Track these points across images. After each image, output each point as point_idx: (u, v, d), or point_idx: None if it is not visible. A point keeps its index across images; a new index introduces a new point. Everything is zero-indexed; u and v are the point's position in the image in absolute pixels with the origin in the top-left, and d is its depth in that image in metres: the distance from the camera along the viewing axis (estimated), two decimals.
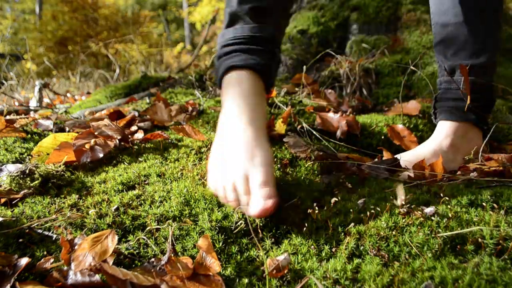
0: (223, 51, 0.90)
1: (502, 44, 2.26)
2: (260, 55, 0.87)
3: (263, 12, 0.91)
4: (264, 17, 0.91)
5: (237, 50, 0.87)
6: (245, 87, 0.82)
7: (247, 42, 0.88)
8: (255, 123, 0.77)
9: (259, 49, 0.87)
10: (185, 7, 13.67)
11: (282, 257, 0.57)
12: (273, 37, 0.92)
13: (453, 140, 1.03)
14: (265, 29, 0.90)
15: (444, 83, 1.10)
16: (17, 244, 0.63)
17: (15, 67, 4.85)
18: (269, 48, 0.90)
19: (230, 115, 0.80)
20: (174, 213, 0.70)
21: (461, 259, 0.55)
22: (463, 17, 1.03)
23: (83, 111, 1.69)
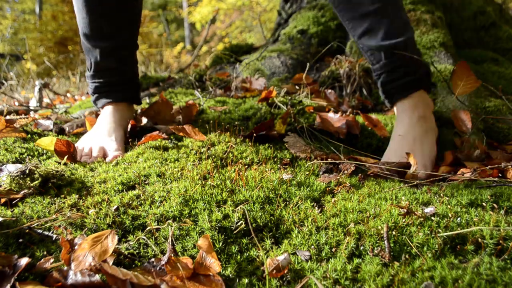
0: (98, 91, 1.27)
1: (502, 44, 2.26)
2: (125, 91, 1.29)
3: (119, 60, 1.25)
4: (121, 63, 1.25)
5: (108, 90, 1.27)
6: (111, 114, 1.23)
7: (114, 84, 1.27)
8: (115, 122, 1.20)
9: (122, 87, 1.28)
10: (185, 7, 13.67)
11: (282, 257, 0.57)
12: (132, 74, 1.31)
13: (419, 112, 1.13)
14: (126, 72, 1.28)
15: (384, 67, 1.16)
16: (17, 244, 0.63)
17: (15, 67, 4.85)
18: (130, 84, 1.30)
19: (102, 119, 1.21)
20: (174, 213, 0.70)
21: (461, 259, 0.55)
22: (379, 3, 1.11)
23: (83, 111, 1.69)
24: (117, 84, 1.25)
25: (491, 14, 2.33)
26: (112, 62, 1.22)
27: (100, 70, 1.22)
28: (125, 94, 1.27)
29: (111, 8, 1.14)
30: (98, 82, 1.24)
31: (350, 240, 0.61)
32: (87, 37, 1.18)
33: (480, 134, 1.25)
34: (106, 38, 1.18)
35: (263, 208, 0.73)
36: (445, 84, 1.55)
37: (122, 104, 1.25)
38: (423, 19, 2.05)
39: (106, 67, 1.22)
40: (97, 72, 1.23)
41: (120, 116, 1.21)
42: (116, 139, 1.11)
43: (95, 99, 1.27)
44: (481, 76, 1.95)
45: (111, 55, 1.21)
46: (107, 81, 1.24)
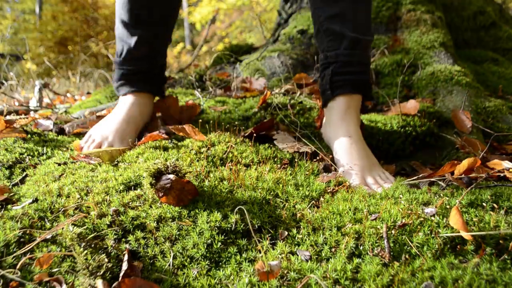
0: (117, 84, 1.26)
1: (502, 44, 2.26)
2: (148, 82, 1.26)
3: (147, 54, 1.23)
4: (147, 57, 1.24)
5: (131, 80, 1.24)
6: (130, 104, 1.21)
7: (139, 73, 1.25)
8: (129, 115, 1.18)
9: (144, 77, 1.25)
10: (185, 7, 13.67)
11: (274, 263, 0.57)
12: (154, 67, 1.26)
13: (357, 114, 1.12)
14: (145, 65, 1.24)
15: (340, 57, 1.11)
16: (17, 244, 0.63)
17: (15, 67, 4.85)
18: (152, 75, 1.26)
19: (118, 108, 1.21)
20: (173, 214, 0.70)
21: (461, 259, 0.55)
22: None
23: (83, 111, 1.69)
24: (145, 73, 1.24)
25: (491, 14, 2.33)
26: (145, 52, 1.21)
27: (131, 58, 1.21)
28: (151, 85, 1.26)
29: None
30: (127, 69, 1.22)
31: (350, 240, 0.61)
32: (125, 24, 1.18)
33: (480, 134, 1.26)
34: (145, 27, 1.18)
35: (262, 208, 0.73)
36: (445, 84, 1.55)
37: (144, 96, 1.23)
38: (423, 19, 2.05)
39: (139, 55, 1.21)
40: (128, 60, 1.22)
41: (138, 110, 1.19)
42: (121, 134, 1.10)
43: (118, 86, 1.25)
44: (481, 76, 1.95)
45: (146, 45, 1.20)
46: (136, 70, 1.22)
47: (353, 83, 1.11)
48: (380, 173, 0.96)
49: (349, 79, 1.11)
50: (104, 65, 6.83)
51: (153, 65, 1.26)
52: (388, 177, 0.95)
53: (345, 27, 1.09)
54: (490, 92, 1.75)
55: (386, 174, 0.96)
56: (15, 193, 0.85)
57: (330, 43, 1.13)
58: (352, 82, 1.11)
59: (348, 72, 1.11)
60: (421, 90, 1.63)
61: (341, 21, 1.10)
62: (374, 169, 0.97)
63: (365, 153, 1.01)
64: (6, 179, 0.93)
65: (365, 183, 0.91)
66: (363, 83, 1.12)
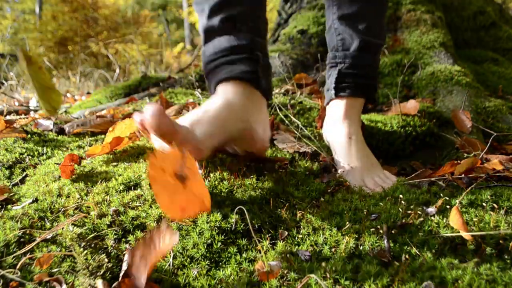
0: (207, 68, 0.91)
1: (502, 44, 2.26)
2: (243, 63, 0.86)
3: (234, 21, 0.88)
4: (236, 25, 0.89)
5: (220, 64, 0.87)
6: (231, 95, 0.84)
7: (227, 54, 0.87)
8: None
9: (240, 57, 0.86)
10: (185, 7, 13.67)
11: (274, 263, 0.57)
12: (252, 42, 0.89)
13: (357, 115, 1.08)
14: (242, 37, 0.88)
15: (350, 58, 1.07)
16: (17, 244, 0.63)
17: (15, 67, 4.85)
18: (250, 55, 0.88)
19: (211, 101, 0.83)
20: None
21: (461, 259, 0.55)
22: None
23: (83, 111, 1.69)
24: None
25: (491, 14, 2.33)
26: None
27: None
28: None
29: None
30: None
31: (350, 240, 0.61)
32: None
33: (480, 134, 1.25)
34: None
35: (262, 208, 0.73)
36: (445, 84, 1.55)
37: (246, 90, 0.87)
38: (423, 19, 2.05)
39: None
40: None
41: (228, 108, 0.81)
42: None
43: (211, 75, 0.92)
44: (481, 76, 1.95)
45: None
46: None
47: (358, 86, 1.07)
48: (379, 173, 0.94)
49: (355, 82, 1.07)
50: (104, 65, 6.83)
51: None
52: (389, 176, 0.93)
53: (357, 28, 1.06)
54: (490, 92, 1.75)
55: (386, 174, 0.94)
56: (15, 193, 0.85)
57: (340, 43, 1.09)
58: (357, 85, 1.07)
59: (355, 75, 1.07)
60: (421, 90, 1.63)
61: (354, 22, 1.06)
62: (373, 170, 0.95)
63: (365, 154, 1.00)
64: (6, 179, 0.93)
65: (364, 184, 0.89)
66: (368, 87, 1.09)
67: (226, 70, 0.85)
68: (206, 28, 0.91)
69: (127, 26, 7.83)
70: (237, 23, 0.88)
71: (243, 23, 0.89)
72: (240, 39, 0.87)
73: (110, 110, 1.55)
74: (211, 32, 0.90)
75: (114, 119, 1.31)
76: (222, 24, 0.88)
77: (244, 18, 0.89)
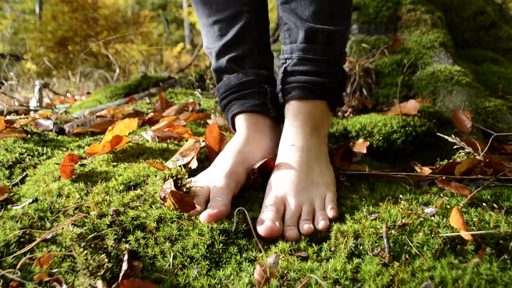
0: (222, 104, 1.00)
1: (502, 44, 2.26)
2: (252, 97, 0.95)
3: (239, 60, 0.96)
4: (243, 62, 0.97)
5: (232, 99, 0.97)
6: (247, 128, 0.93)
7: (237, 90, 0.96)
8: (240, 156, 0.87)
9: (249, 92, 0.95)
10: (185, 7, 13.68)
11: (271, 259, 0.57)
12: (258, 76, 0.96)
13: (316, 122, 0.86)
14: (248, 73, 0.96)
15: (298, 52, 0.87)
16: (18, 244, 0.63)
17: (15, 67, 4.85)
18: (258, 88, 0.95)
19: (228, 145, 0.91)
20: (172, 216, 0.70)
21: (461, 259, 0.55)
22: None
23: (83, 111, 1.69)
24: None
25: (491, 14, 2.33)
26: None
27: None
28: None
29: None
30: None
31: (349, 240, 0.61)
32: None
33: (480, 134, 1.25)
34: None
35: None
36: (445, 84, 1.55)
37: (261, 120, 0.93)
38: (423, 19, 2.05)
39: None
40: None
41: (247, 142, 0.88)
42: (226, 187, 0.76)
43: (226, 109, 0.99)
44: (481, 76, 1.95)
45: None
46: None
47: (306, 86, 0.86)
48: (318, 197, 0.74)
49: (302, 81, 0.87)
50: (104, 65, 6.84)
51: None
52: (330, 208, 0.71)
53: (301, 15, 0.87)
54: (490, 92, 1.75)
55: (328, 200, 0.73)
56: (15, 193, 0.85)
57: (286, 34, 0.91)
58: (305, 83, 0.87)
59: (303, 72, 0.87)
60: (421, 90, 1.63)
61: (298, 7, 0.87)
62: (311, 190, 0.75)
63: (308, 166, 0.79)
64: (6, 179, 0.93)
65: (282, 202, 0.72)
66: (323, 87, 0.87)
67: (238, 105, 0.95)
68: (216, 69, 1.00)
69: (127, 26, 7.83)
70: (242, 61, 0.97)
71: (248, 61, 0.97)
72: (247, 75, 0.96)
73: (110, 110, 1.55)
74: (221, 72, 1.00)
75: (114, 119, 1.31)
76: (228, 64, 0.97)
77: (248, 56, 0.97)
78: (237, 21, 0.96)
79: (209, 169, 0.84)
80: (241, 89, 0.95)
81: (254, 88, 0.95)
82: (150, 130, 1.10)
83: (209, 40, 1.00)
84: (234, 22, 0.96)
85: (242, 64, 0.97)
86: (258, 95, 0.95)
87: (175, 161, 0.88)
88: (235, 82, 0.96)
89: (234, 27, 0.95)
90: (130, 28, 7.71)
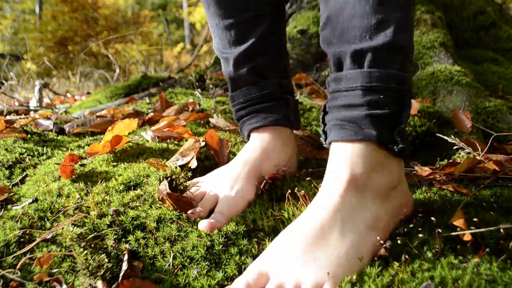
0: (238, 115, 0.93)
1: (502, 44, 2.26)
2: (275, 110, 0.89)
3: (263, 70, 0.89)
4: (265, 73, 0.90)
5: (252, 111, 0.90)
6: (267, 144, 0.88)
7: (259, 101, 0.90)
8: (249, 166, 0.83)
9: (272, 104, 0.89)
10: (185, 7, 13.67)
11: None
12: (281, 86, 0.90)
13: (356, 175, 0.62)
14: (270, 83, 0.90)
15: (332, 83, 0.70)
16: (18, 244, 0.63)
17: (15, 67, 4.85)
18: (280, 100, 0.90)
19: (239, 154, 0.87)
20: (171, 216, 0.70)
21: (461, 259, 0.55)
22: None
23: (83, 111, 1.69)
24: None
25: (491, 14, 2.33)
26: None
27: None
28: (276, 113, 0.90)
29: None
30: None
31: None
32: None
33: (480, 134, 1.25)
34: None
35: (262, 209, 0.73)
36: (445, 84, 1.55)
37: (274, 132, 0.89)
38: (423, 19, 2.05)
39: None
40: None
41: (265, 156, 0.85)
42: (234, 202, 0.75)
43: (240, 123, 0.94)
44: (481, 76, 1.95)
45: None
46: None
47: (340, 124, 0.66)
48: (309, 283, 0.53)
49: (336, 118, 0.67)
50: (104, 65, 6.84)
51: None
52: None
53: (331, 39, 0.70)
54: (490, 92, 1.75)
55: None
56: (15, 193, 0.85)
57: (330, 63, 0.72)
58: (340, 121, 0.66)
59: (336, 107, 0.68)
60: (421, 90, 1.63)
61: (329, 32, 0.70)
62: (306, 268, 0.54)
63: (319, 234, 0.58)
64: (6, 179, 0.93)
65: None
66: (358, 122, 0.64)
67: (260, 118, 0.89)
68: (234, 77, 0.91)
69: (127, 26, 7.83)
70: (264, 72, 0.89)
71: (270, 70, 0.90)
72: (270, 86, 0.89)
73: (110, 110, 1.55)
74: (240, 81, 0.92)
75: (114, 119, 1.31)
76: (249, 75, 0.89)
77: (270, 65, 0.90)
78: (258, 25, 0.86)
79: (221, 173, 0.82)
80: (262, 101, 0.90)
81: (276, 100, 0.90)
82: (150, 130, 1.10)
83: (223, 44, 0.90)
84: (254, 27, 0.86)
85: (264, 74, 0.89)
86: (280, 108, 0.90)
87: (175, 161, 0.88)
88: (255, 94, 0.90)
89: (255, 32, 0.86)
90: (130, 28, 7.72)
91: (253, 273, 0.56)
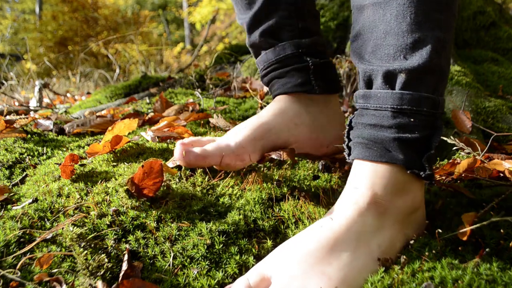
0: (264, 82, 0.92)
1: (502, 44, 2.26)
2: (293, 76, 0.86)
3: (276, 31, 0.85)
4: (279, 34, 0.85)
5: (272, 78, 0.88)
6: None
7: (276, 67, 0.87)
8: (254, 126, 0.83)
9: (288, 69, 0.86)
10: (185, 7, 13.68)
11: None
12: (298, 47, 0.85)
13: (377, 197, 0.59)
14: (286, 46, 0.85)
15: (361, 100, 0.67)
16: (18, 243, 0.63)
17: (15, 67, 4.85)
18: (298, 64, 0.86)
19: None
20: (172, 214, 0.70)
21: (461, 259, 0.55)
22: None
23: (83, 111, 1.69)
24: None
25: (491, 14, 2.33)
26: None
27: None
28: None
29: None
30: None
31: None
32: None
33: (480, 134, 1.26)
34: None
35: (263, 208, 0.73)
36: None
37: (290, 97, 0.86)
38: None
39: None
40: None
41: (266, 129, 0.81)
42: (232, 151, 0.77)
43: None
44: (481, 76, 1.95)
45: None
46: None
47: (366, 142, 0.63)
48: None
49: (361, 136, 0.64)
50: (104, 65, 6.84)
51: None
52: None
53: (362, 53, 0.67)
54: (490, 92, 1.75)
55: None
56: (15, 193, 0.85)
57: (360, 77, 0.69)
58: (365, 140, 0.63)
59: (363, 125, 0.65)
60: None
61: (359, 46, 0.67)
62: (310, 281, 0.52)
63: (330, 249, 0.55)
64: (6, 179, 0.93)
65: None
66: (385, 143, 0.61)
67: (278, 85, 0.87)
68: (251, 44, 0.90)
69: (127, 26, 7.84)
70: (278, 33, 0.85)
71: (284, 31, 0.85)
72: (286, 49, 0.85)
73: (110, 110, 1.55)
74: (256, 47, 0.90)
75: (114, 119, 1.31)
76: (263, 38, 0.86)
77: (284, 25, 0.85)
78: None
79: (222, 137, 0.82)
80: (280, 67, 0.85)
81: (294, 64, 0.84)
82: (150, 130, 1.10)
83: (239, 9, 0.87)
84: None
85: (279, 36, 0.84)
86: (299, 72, 0.84)
87: (175, 161, 0.88)
88: (272, 59, 0.86)
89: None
90: (130, 28, 7.72)
91: (255, 275, 0.55)
